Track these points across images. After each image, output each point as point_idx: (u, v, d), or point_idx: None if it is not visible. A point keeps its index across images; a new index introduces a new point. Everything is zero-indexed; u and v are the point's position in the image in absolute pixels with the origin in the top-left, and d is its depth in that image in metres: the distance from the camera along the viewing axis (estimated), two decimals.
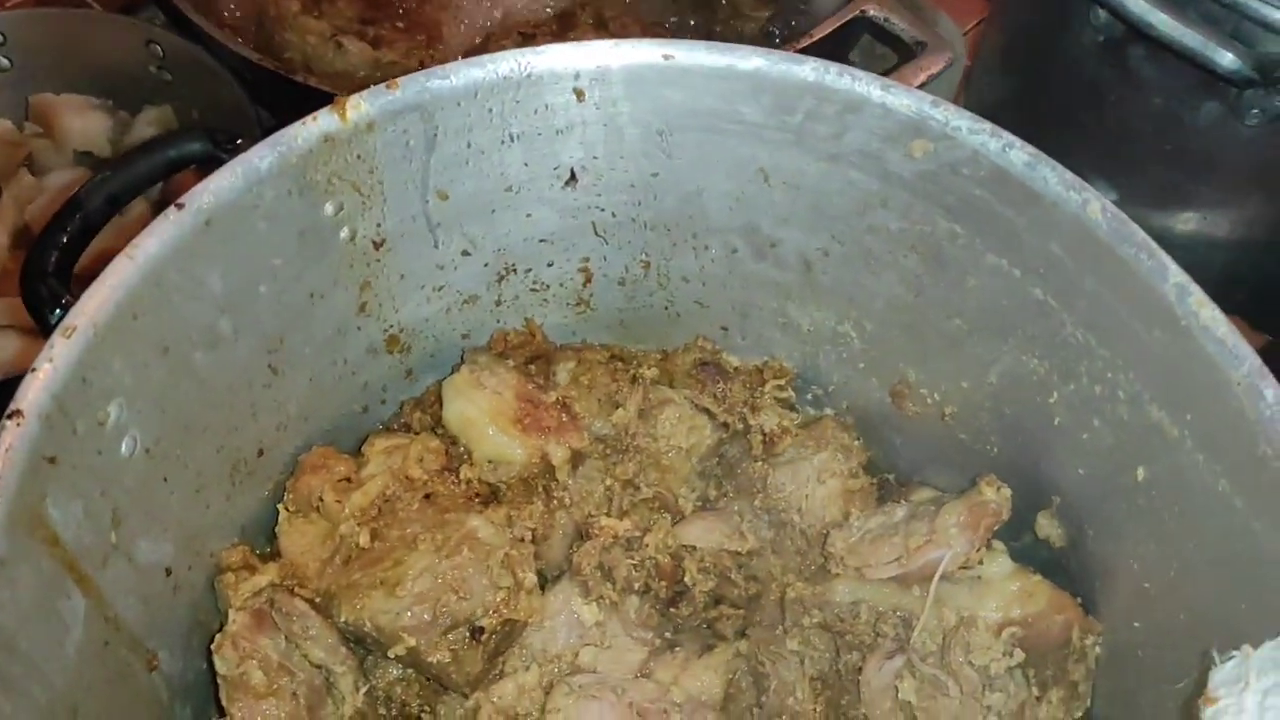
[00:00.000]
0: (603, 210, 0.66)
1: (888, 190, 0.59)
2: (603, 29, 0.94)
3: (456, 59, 0.94)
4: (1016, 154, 0.53)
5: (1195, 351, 0.47)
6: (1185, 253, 0.93)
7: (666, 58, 0.57)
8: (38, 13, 0.86)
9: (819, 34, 0.75)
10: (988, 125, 0.53)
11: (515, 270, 0.68)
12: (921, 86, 0.74)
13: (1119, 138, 0.92)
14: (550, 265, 0.69)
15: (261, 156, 0.53)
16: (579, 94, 0.59)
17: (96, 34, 0.87)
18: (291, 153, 0.53)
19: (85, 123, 0.84)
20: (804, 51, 0.75)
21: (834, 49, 0.79)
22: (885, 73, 0.76)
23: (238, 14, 0.97)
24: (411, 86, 0.56)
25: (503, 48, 0.90)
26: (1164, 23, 0.74)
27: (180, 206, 0.50)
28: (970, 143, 0.54)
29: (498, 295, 0.69)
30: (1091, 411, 0.56)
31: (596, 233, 0.67)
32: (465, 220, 0.64)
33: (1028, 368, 0.59)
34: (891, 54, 0.81)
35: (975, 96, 1.10)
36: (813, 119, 0.58)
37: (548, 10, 0.98)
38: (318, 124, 0.54)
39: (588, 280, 0.70)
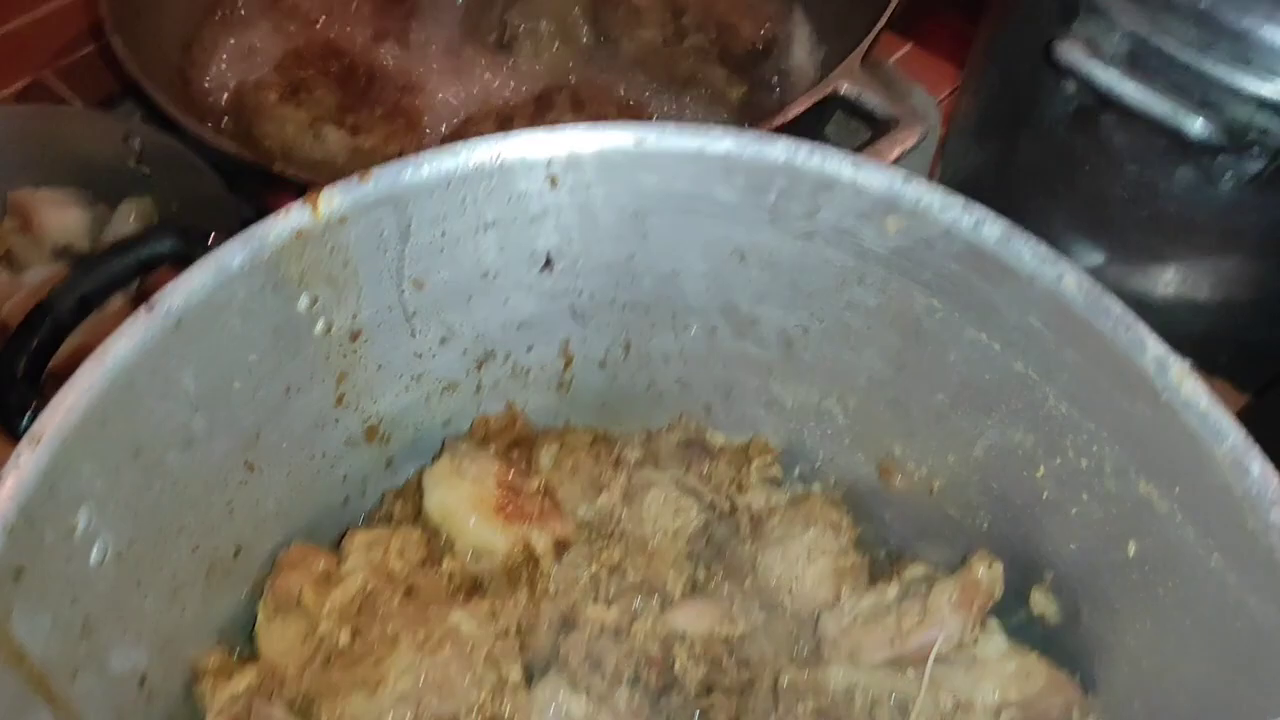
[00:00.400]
0: (580, 293, 0.66)
1: (864, 266, 0.59)
2: (580, 109, 0.94)
3: (436, 143, 0.95)
4: (989, 229, 0.53)
5: (1178, 425, 0.47)
6: (1166, 315, 0.93)
7: (638, 142, 0.58)
8: (17, 109, 0.87)
9: (793, 112, 0.75)
10: (960, 200, 0.53)
11: (494, 356, 0.68)
12: (896, 161, 0.75)
13: (1095, 203, 0.92)
14: (530, 349, 0.68)
15: (233, 254, 0.52)
16: (552, 180, 0.59)
17: (76, 129, 0.87)
18: (264, 249, 0.53)
19: (64, 218, 0.84)
20: (779, 130, 0.76)
21: (809, 127, 0.80)
22: (860, 147, 0.76)
23: (215, 104, 0.98)
24: (384, 178, 0.56)
25: (480, 131, 0.91)
26: (1133, 92, 0.75)
27: (150, 308, 0.49)
28: (943, 219, 0.54)
29: (477, 381, 0.69)
30: (1079, 485, 0.55)
31: (575, 315, 0.67)
32: (442, 308, 0.63)
33: (1013, 441, 0.59)
34: (865, 128, 0.82)
35: (951, 165, 1.11)
36: (786, 198, 0.58)
37: (524, 92, 0.99)
38: (290, 219, 0.54)
39: (568, 363, 0.70)
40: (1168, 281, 0.93)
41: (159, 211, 0.88)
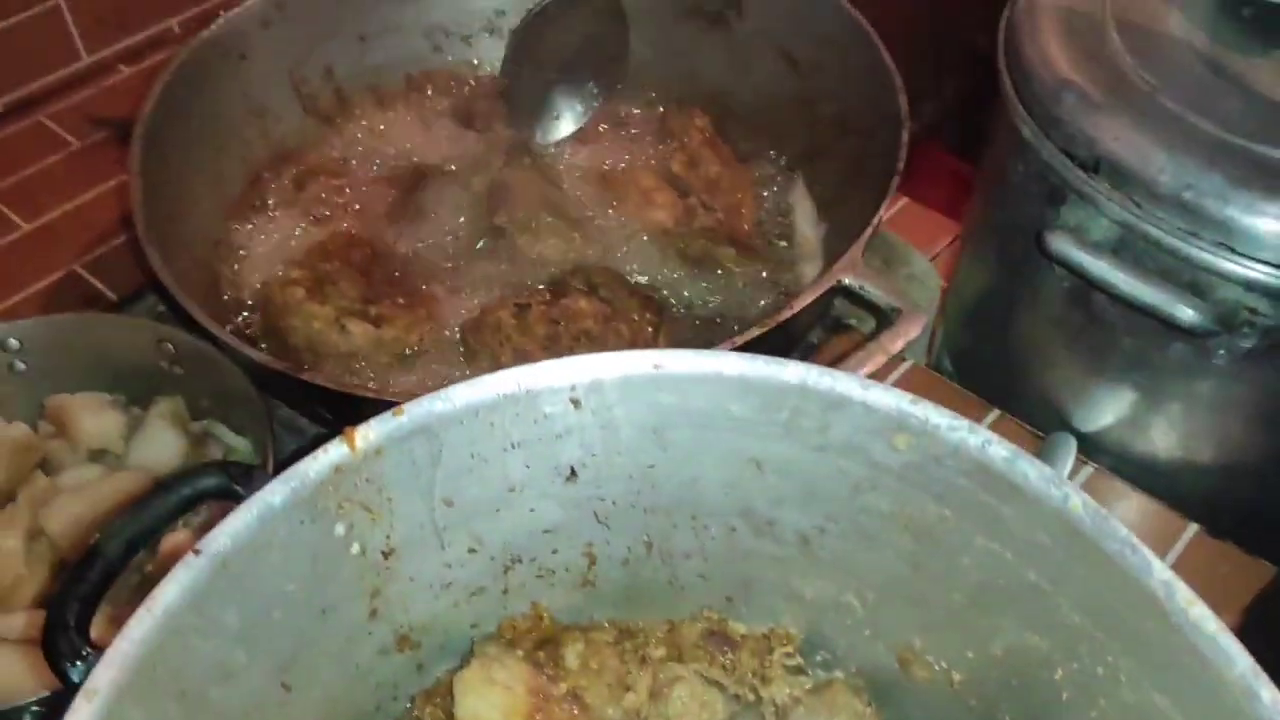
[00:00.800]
0: (603, 500, 0.68)
1: (876, 476, 0.61)
2: (594, 295, 0.98)
3: (455, 333, 0.99)
4: (995, 450, 0.55)
5: (1188, 647, 0.49)
6: (1170, 478, 0.96)
7: (656, 367, 0.61)
8: (53, 319, 0.90)
9: (799, 305, 0.79)
10: (965, 423, 0.56)
11: (521, 560, 0.70)
12: (900, 352, 0.78)
13: (1093, 372, 0.96)
14: (555, 553, 0.70)
15: (275, 493, 0.55)
16: (575, 403, 0.62)
17: (111, 335, 0.91)
18: (304, 487, 0.56)
19: (99, 422, 0.87)
20: (787, 324, 0.79)
21: (816, 317, 0.83)
22: (864, 340, 0.80)
23: (243, 300, 1.02)
24: (417, 412, 0.59)
25: (499, 319, 0.95)
26: (1124, 282, 0.79)
27: (198, 552, 0.52)
28: (950, 439, 0.56)
29: (504, 585, 0.71)
30: (1096, 691, 0.56)
31: (598, 520, 0.69)
32: (471, 521, 0.66)
33: (1030, 643, 0.60)
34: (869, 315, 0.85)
35: (951, 331, 1.14)
36: (799, 415, 0.61)
37: (540, 278, 1.03)
38: (328, 456, 0.56)
39: (592, 563, 0.72)
40: (1170, 446, 0.96)
41: (190, 410, 0.92)
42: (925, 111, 0.94)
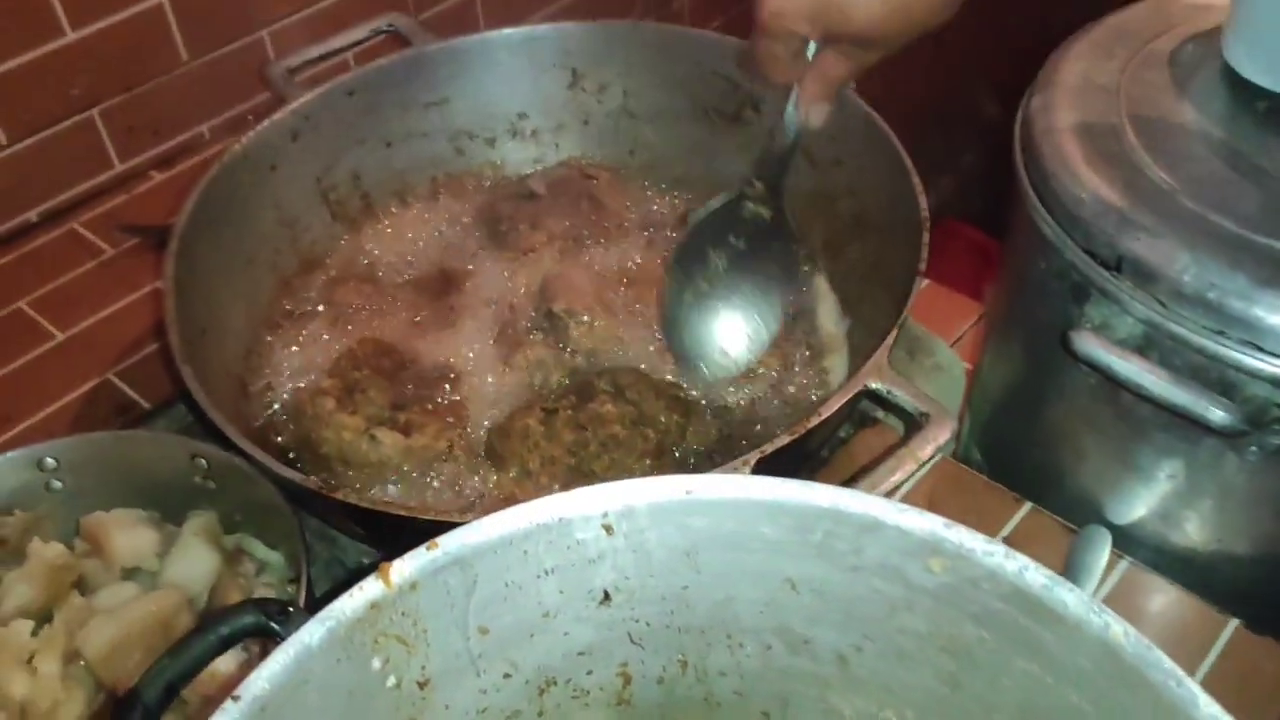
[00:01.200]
0: (637, 621, 0.68)
1: (912, 597, 0.61)
2: (620, 398, 0.99)
3: (482, 438, 0.99)
4: (1033, 575, 0.55)
5: None
6: (1208, 571, 0.94)
7: (688, 492, 0.61)
8: (89, 437, 0.91)
9: (826, 412, 0.79)
10: (1001, 547, 0.56)
11: (555, 683, 0.70)
12: (930, 458, 0.78)
13: (1124, 465, 0.95)
14: (589, 674, 0.70)
15: (312, 634, 0.55)
16: (608, 529, 0.62)
17: (144, 451, 0.92)
18: (340, 626, 0.56)
19: (134, 540, 0.88)
20: (815, 431, 0.79)
21: (842, 419, 0.84)
22: (894, 446, 0.80)
23: (274, 411, 1.03)
24: (451, 544, 0.59)
25: (526, 425, 0.96)
26: (1153, 383, 0.79)
27: (236, 699, 0.52)
28: (985, 563, 0.56)
29: (539, 707, 0.70)
30: None
31: (633, 641, 0.69)
32: (506, 647, 0.65)
33: None
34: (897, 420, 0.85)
35: (979, 418, 1.14)
36: (832, 537, 0.61)
37: (567, 381, 1.03)
38: (364, 593, 0.57)
39: (626, 682, 0.72)
40: (1206, 539, 0.95)
41: (223, 524, 0.92)
42: (939, 186, 0.95)
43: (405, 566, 0.58)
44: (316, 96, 1.14)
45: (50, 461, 0.89)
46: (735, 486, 0.61)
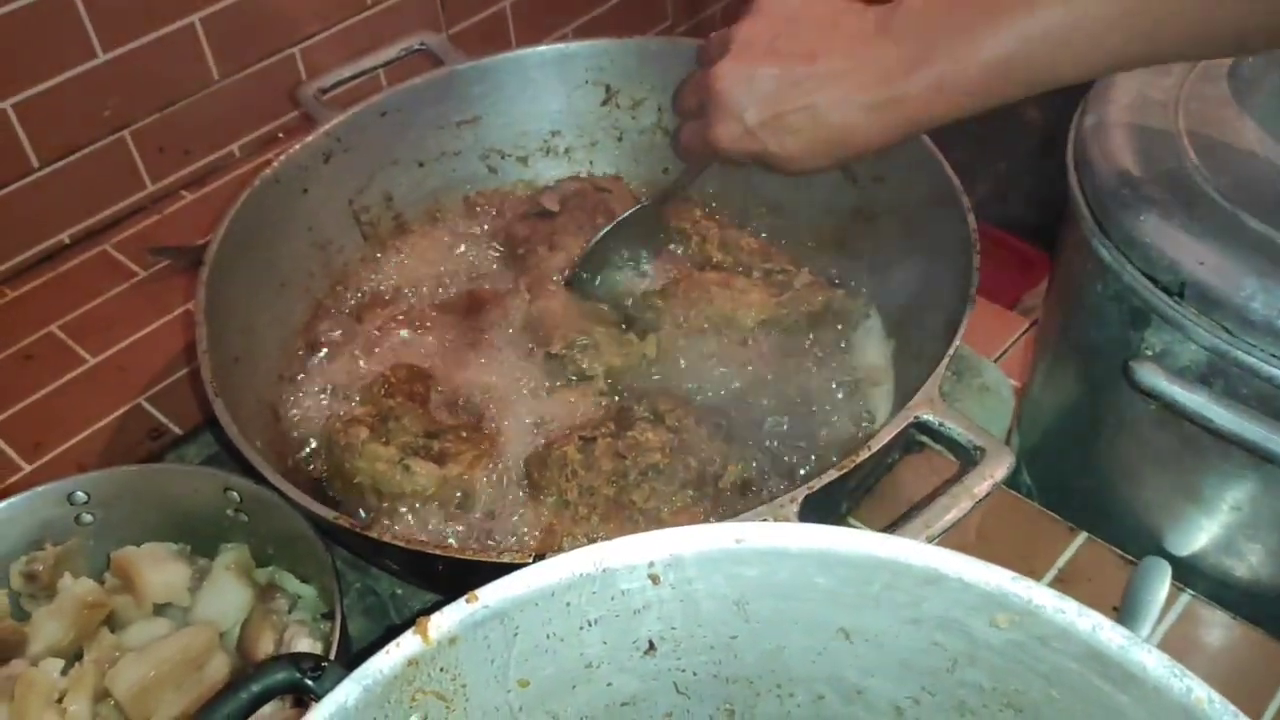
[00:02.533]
0: (683, 671, 0.65)
1: (976, 652, 0.58)
2: (660, 423, 0.96)
3: (519, 468, 0.97)
4: (1107, 635, 0.52)
5: None
6: (1274, 605, 0.90)
7: (738, 541, 0.58)
8: (121, 470, 0.90)
9: (876, 445, 0.76)
10: (1073, 604, 0.53)
11: None
12: (987, 495, 0.75)
13: (1185, 495, 0.91)
14: None
15: (348, 694, 0.53)
16: (654, 579, 0.59)
17: (175, 483, 0.90)
18: (377, 685, 0.54)
19: (164, 575, 0.86)
20: (862, 465, 0.77)
21: (891, 449, 0.81)
22: (948, 482, 0.77)
23: (306, 441, 1.01)
24: (491, 598, 0.56)
25: (564, 454, 0.93)
26: (1219, 415, 0.75)
27: None
28: (1056, 621, 0.53)
29: None
30: None
31: (678, 691, 0.66)
32: (547, 699, 0.63)
33: None
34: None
35: (1028, 444, 1.10)
36: (890, 589, 0.58)
37: (603, 408, 1.01)
38: (401, 650, 0.54)
39: None
40: (1273, 572, 0.91)
41: (255, 556, 0.91)
42: (975, 190, 0.92)
43: (444, 621, 0.55)
44: (349, 117, 1.13)
45: (81, 495, 0.88)
46: (788, 535, 0.58)
